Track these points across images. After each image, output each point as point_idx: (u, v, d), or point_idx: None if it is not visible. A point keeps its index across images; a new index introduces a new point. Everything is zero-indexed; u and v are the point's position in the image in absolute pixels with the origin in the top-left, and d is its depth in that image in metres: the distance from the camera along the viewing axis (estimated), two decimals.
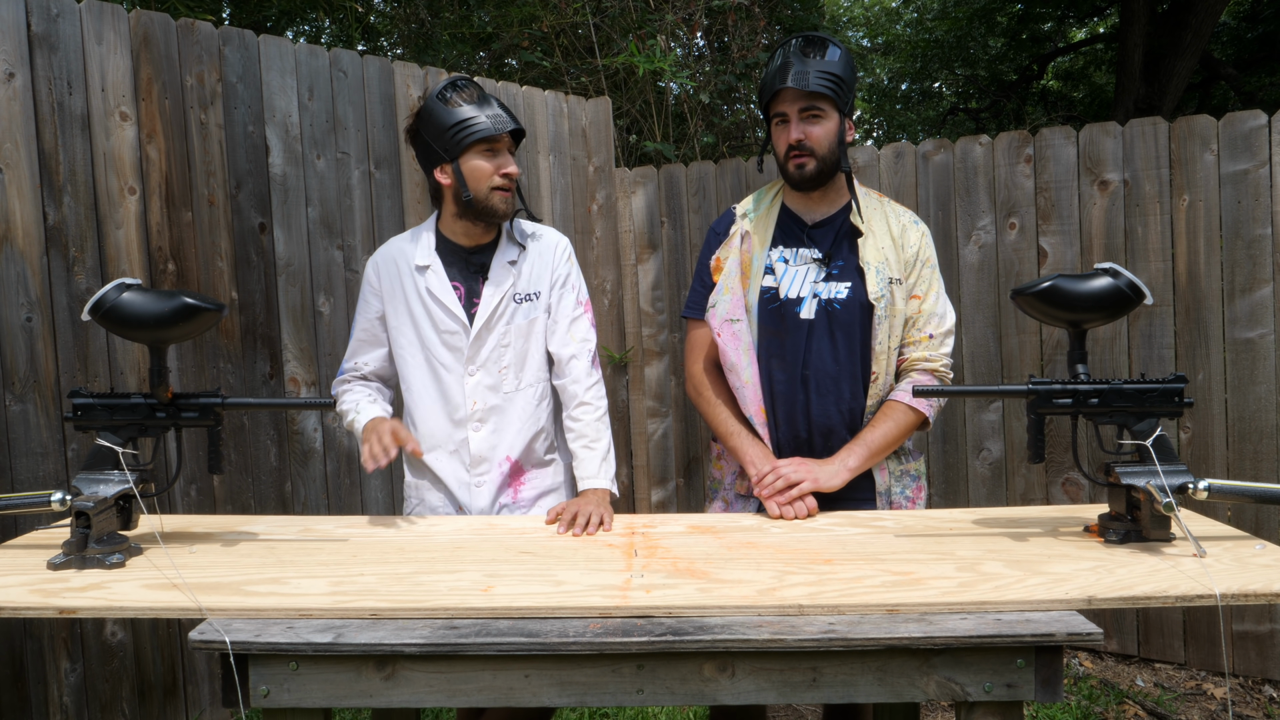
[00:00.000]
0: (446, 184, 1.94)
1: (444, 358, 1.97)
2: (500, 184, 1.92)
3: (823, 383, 1.95)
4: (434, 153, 1.92)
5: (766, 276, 1.98)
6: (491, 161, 1.91)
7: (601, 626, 1.28)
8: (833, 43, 1.92)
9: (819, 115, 1.89)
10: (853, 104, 1.94)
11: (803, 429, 1.97)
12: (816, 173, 1.91)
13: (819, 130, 1.89)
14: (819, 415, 1.96)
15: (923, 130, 12.22)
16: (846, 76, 1.89)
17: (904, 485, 2.01)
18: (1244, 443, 3.02)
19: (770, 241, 2.00)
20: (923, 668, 1.26)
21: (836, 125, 1.91)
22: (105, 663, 2.60)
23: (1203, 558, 1.45)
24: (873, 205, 2.01)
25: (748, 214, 2.05)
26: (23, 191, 2.44)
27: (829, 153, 1.90)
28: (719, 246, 2.04)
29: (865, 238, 1.95)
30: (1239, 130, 3.00)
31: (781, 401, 1.98)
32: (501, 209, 1.94)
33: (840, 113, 1.91)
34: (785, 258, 1.98)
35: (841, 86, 1.88)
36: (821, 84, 1.85)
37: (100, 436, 1.61)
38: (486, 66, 6.04)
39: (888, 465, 2.00)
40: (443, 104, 1.89)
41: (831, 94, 1.86)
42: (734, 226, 2.03)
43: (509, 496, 2.02)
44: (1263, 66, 9.58)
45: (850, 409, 1.97)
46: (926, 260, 1.98)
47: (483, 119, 1.88)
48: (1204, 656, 3.11)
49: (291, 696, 1.28)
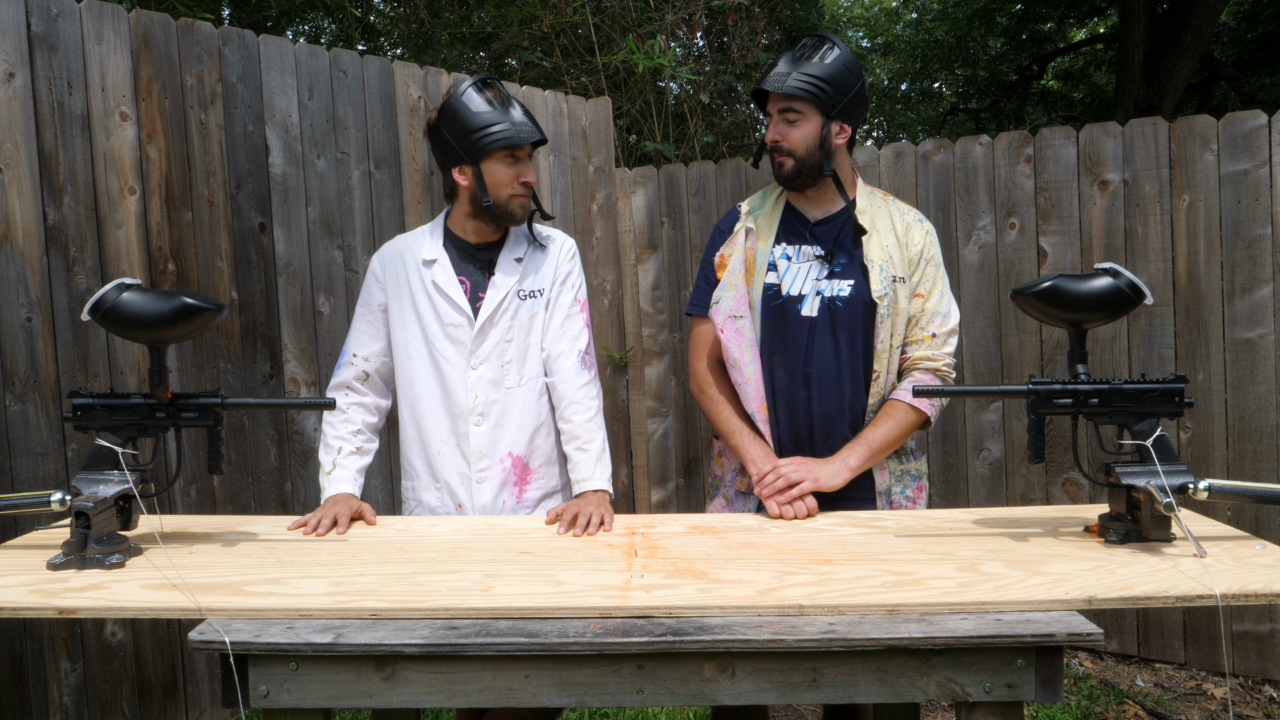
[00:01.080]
0: (464, 185, 1.94)
1: (447, 351, 1.97)
2: (519, 191, 1.93)
3: (824, 380, 1.95)
4: (454, 152, 1.91)
5: (769, 273, 1.98)
6: (512, 168, 1.91)
7: (601, 627, 1.28)
8: (836, 46, 1.91)
9: (796, 117, 1.91)
10: (849, 108, 1.93)
11: (804, 426, 1.98)
12: (794, 173, 1.94)
13: (796, 132, 1.91)
14: (820, 413, 1.96)
15: (923, 130, 12.21)
16: (835, 80, 1.89)
17: (904, 485, 2.01)
18: (1244, 443, 3.02)
19: (774, 238, 2.01)
20: (923, 668, 1.26)
21: (817, 128, 1.91)
22: (105, 663, 2.60)
23: (1203, 558, 1.45)
24: (877, 204, 2.01)
25: (752, 211, 2.06)
26: (23, 191, 2.44)
27: (807, 154, 1.92)
28: (723, 243, 2.05)
29: (869, 235, 1.95)
30: (1239, 130, 3.00)
31: (783, 398, 1.98)
32: (519, 215, 1.96)
33: (824, 115, 1.91)
34: (788, 254, 1.99)
35: (825, 89, 1.88)
36: (798, 87, 1.88)
37: (100, 436, 1.61)
38: (486, 66, 6.04)
39: (888, 465, 2.00)
40: (468, 105, 1.88)
41: (809, 96, 1.88)
42: (738, 223, 2.04)
43: (512, 495, 2.02)
44: (1263, 66, 9.58)
45: (852, 407, 1.97)
46: (931, 259, 1.99)
47: (508, 126, 1.88)
48: (1204, 656, 3.11)
49: (291, 697, 1.28)
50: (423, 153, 3.33)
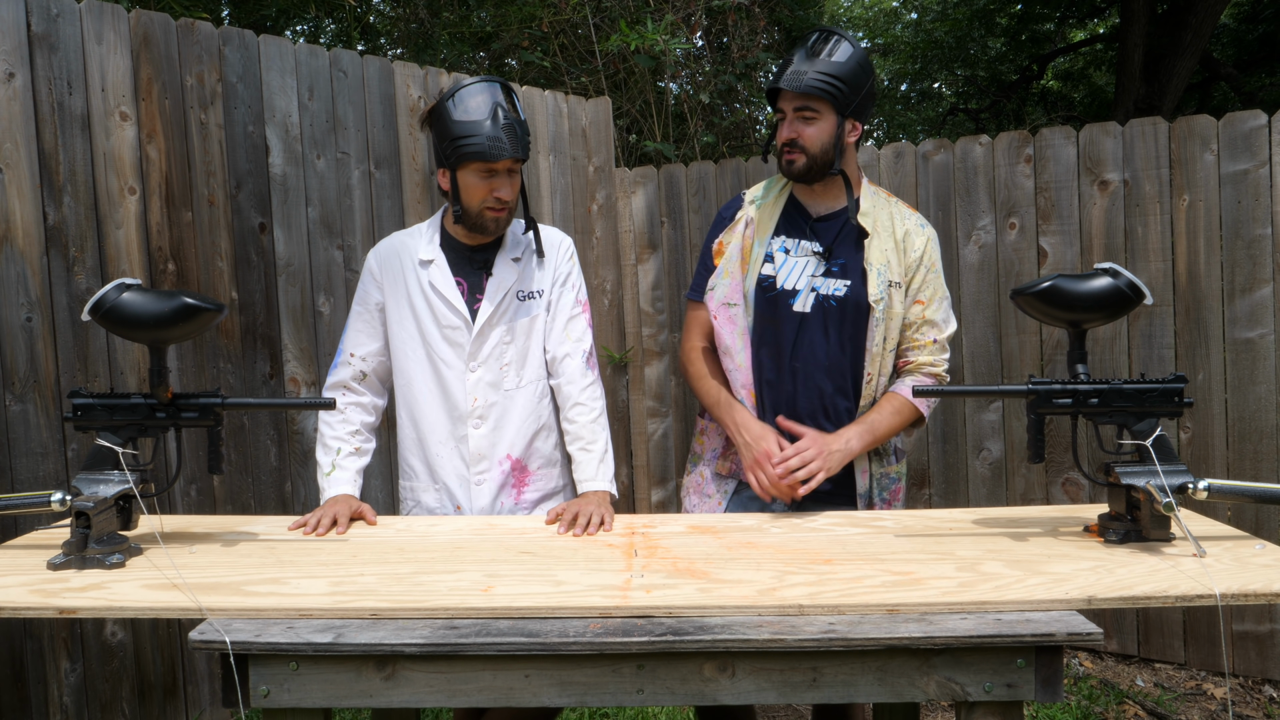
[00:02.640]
0: (445, 188, 1.93)
1: (445, 353, 1.97)
2: (492, 205, 1.88)
3: (810, 376, 1.97)
4: (439, 154, 1.90)
5: (766, 265, 1.99)
6: (486, 182, 1.86)
7: (601, 626, 1.28)
8: (847, 41, 1.91)
9: (813, 116, 1.91)
10: (861, 106, 1.94)
11: (788, 417, 1.99)
12: (806, 169, 1.94)
13: (812, 130, 1.91)
14: (804, 407, 1.98)
15: (923, 131, 12.21)
16: (850, 78, 1.89)
17: (883, 487, 2.03)
18: (1244, 443, 3.02)
19: (774, 230, 2.01)
20: (923, 668, 1.26)
21: (832, 126, 1.91)
22: (105, 663, 2.60)
23: (1203, 558, 1.45)
24: (880, 205, 2.01)
25: (755, 201, 2.06)
26: (23, 191, 2.44)
27: (821, 152, 1.92)
28: (723, 230, 2.06)
29: (871, 239, 1.95)
30: (1239, 130, 3.00)
31: (769, 389, 2.00)
32: (491, 228, 1.92)
33: (839, 114, 1.91)
34: (786, 247, 2.00)
35: (841, 88, 1.88)
36: (815, 86, 1.87)
37: (100, 436, 1.61)
38: (486, 66, 6.05)
39: (870, 468, 2.01)
40: (450, 111, 1.83)
41: (826, 95, 1.88)
42: (740, 212, 2.05)
43: (511, 497, 2.01)
44: (1263, 66, 9.58)
45: (835, 404, 1.98)
46: (931, 265, 1.99)
47: (481, 139, 1.80)
48: (1204, 656, 3.11)
49: (291, 696, 1.28)
50: (423, 153, 3.33)
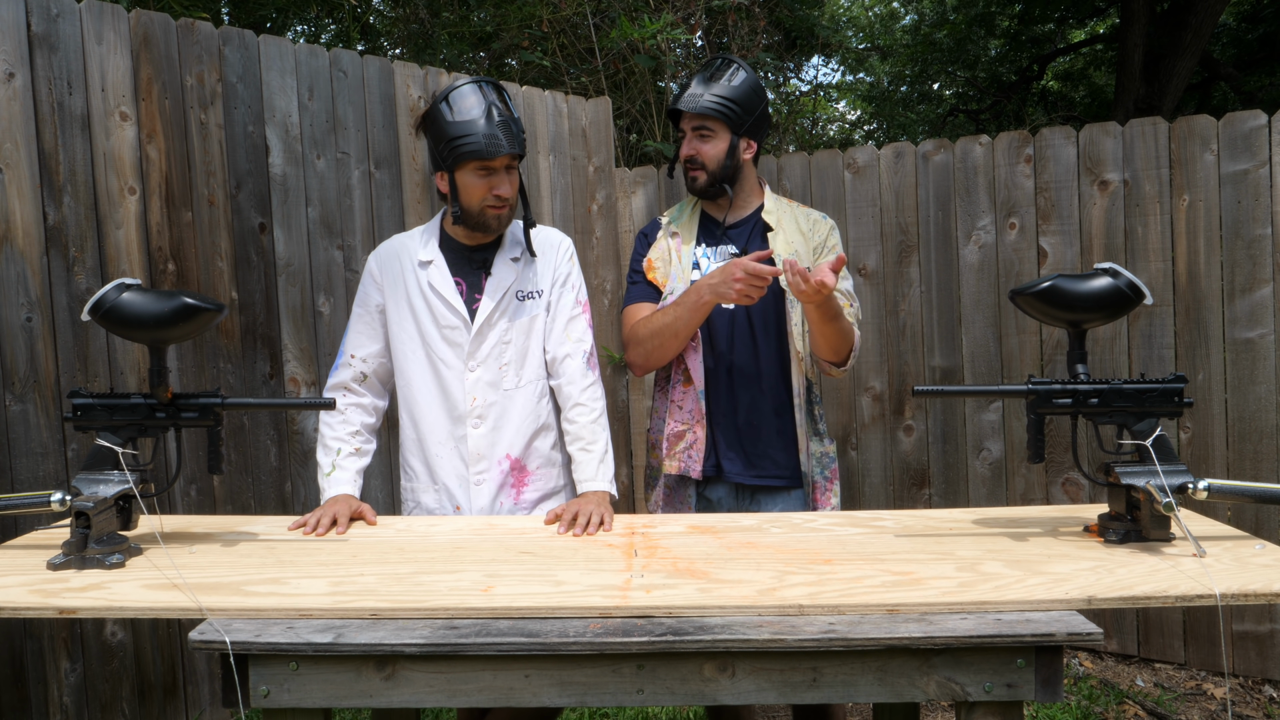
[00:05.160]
0: (444, 191, 1.93)
1: (444, 354, 1.97)
2: (493, 203, 1.89)
3: (745, 372, 2.11)
4: (436, 157, 1.91)
5: (694, 272, 2.14)
6: (484, 180, 1.87)
7: (602, 626, 1.28)
8: (743, 69, 2.08)
9: (709, 134, 2.08)
10: (755, 126, 2.10)
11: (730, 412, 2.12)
12: (708, 184, 2.11)
13: (708, 148, 2.08)
14: (745, 404, 2.11)
15: (923, 131, 12.21)
16: (744, 101, 2.06)
17: (824, 466, 2.15)
18: (1244, 443, 3.02)
19: (695, 241, 2.18)
20: (923, 668, 1.26)
21: (728, 144, 2.08)
22: (105, 663, 2.60)
23: (1203, 558, 1.45)
24: (783, 208, 2.19)
25: (673, 220, 2.23)
26: (23, 191, 2.44)
27: (719, 168, 2.09)
28: (649, 250, 2.21)
29: (775, 233, 2.12)
30: (1239, 130, 3.00)
31: (712, 390, 2.12)
32: (494, 225, 1.93)
33: (734, 133, 2.07)
34: (708, 254, 2.16)
35: (734, 110, 2.06)
36: (709, 107, 2.05)
37: (100, 436, 1.61)
38: (486, 66, 6.05)
39: (811, 447, 2.12)
40: (445, 112, 1.84)
41: (720, 115, 2.05)
42: (660, 233, 2.22)
43: (510, 497, 2.01)
44: (1263, 66, 9.58)
45: (775, 393, 2.11)
46: (833, 248, 2.16)
47: (477, 138, 1.81)
48: (1204, 656, 3.11)
49: (291, 696, 1.28)
50: (422, 153, 3.33)
